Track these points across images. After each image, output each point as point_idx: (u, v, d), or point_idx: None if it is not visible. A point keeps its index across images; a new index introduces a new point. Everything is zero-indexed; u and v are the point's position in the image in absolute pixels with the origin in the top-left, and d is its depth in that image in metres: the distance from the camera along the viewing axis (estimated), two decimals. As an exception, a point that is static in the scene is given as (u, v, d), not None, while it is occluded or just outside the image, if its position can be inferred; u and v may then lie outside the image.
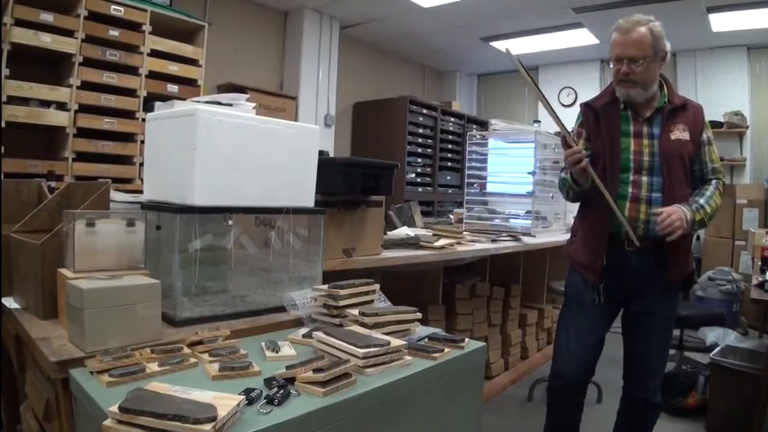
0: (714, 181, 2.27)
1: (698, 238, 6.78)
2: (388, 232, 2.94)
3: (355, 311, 1.60)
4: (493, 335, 3.76)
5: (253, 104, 1.98)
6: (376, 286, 1.76)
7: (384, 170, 2.29)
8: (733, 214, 6.38)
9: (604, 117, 2.26)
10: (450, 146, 7.73)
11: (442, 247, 2.75)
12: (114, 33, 4.39)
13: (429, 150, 7.39)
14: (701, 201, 2.18)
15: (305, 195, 1.90)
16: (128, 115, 4.54)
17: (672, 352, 4.23)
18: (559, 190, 2.47)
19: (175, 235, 1.62)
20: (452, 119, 7.74)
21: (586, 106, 2.36)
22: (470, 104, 9.19)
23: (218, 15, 5.84)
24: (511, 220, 4.03)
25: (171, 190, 1.74)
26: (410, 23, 6.71)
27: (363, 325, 1.53)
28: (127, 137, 4.56)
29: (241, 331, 1.65)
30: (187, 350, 1.42)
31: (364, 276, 2.53)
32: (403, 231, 3.32)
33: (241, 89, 5.75)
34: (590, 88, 7.53)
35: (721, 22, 6.13)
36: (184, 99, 4.78)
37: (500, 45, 7.39)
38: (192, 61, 4.93)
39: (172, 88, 4.78)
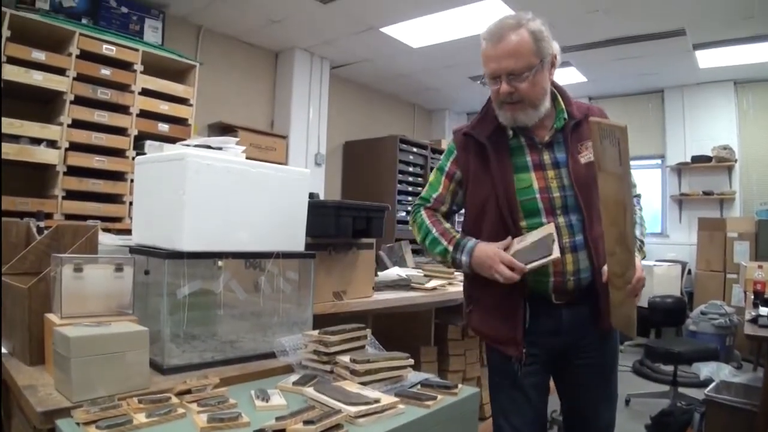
0: (634, 199, 1.92)
1: (689, 272, 6.82)
2: (379, 273, 2.93)
3: (346, 358, 1.57)
4: (486, 375, 3.71)
5: (243, 147, 1.98)
6: (367, 331, 1.73)
7: (375, 213, 2.29)
8: (724, 247, 6.41)
9: (493, 151, 1.78)
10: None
11: (433, 288, 2.74)
12: (105, 72, 4.42)
13: (420, 188, 7.41)
14: (638, 233, 1.81)
15: (295, 239, 1.89)
16: (119, 153, 4.55)
17: (666, 388, 4.26)
18: (419, 241, 1.99)
19: (163, 281, 1.60)
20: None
21: (466, 136, 1.86)
22: (460, 142, 9.22)
23: (210, 55, 5.89)
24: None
25: (160, 234, 1.72)
26: (400, 63, 6.79)
27: (354, 372, 1.51)
28: (118, 176, 4.55)
29: (231, 379, 1.62)
30: (175, 400, 1.39)
31: (355, 319, 2.52)
32: (394, 272, 3.31)
33: (231, 128, 5.80)
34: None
35: (708, 58, 6.23)
36: (174, 139, 4.82)
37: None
38: (183, 101, 4.96)
39: (163, 127, 4.79)
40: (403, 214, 7.08)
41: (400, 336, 3.15)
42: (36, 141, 4.14)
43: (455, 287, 2.98)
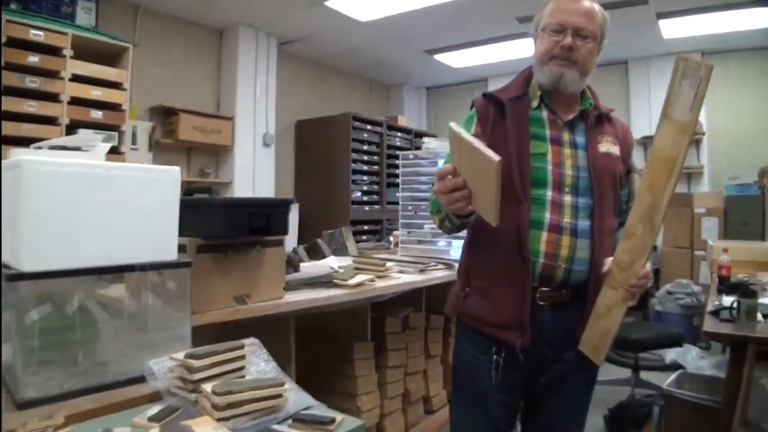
0: None
1: (655, 248, 6.66)
2: (303, 267, 2.74)
3: (209, 386, 1.39)
4: (432, 367, 3.56)
5: (109, 145, 1.77)
6: (245, 351, 1.55)
7: (276, 208, 2.09)
8: (691, 223, 6.25)
9: (512, 114, 1.69)
10: (398, 162, 7.54)
11: (358, 285, 2.55)
12: (34, 59, 4.15)
13: (375, 167, 7.21)
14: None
15: (165, 247, 1.68)
16: (47, 144, 4.29)
17: (627, 374, 4.06)
18: (430, 215, 1.80)
19: (2, 306, 1.40)
20: (399, 134, 7.58)
21: (487, 99, 1.76)
22: (420, 118, 9.03)
23: (149, 35, 5.59)
24: (449, 245, 3.84)
25: (4, 254, 1.51)
26: (350, 37, 6.53)
27: (214, 406, 1.33)
28: (46, 168, 4.30)
29: (86, 413, 1.43)
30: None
31: (274, 321, 2.35)
32: (328, 263, 3.13)
33: (173, 111, 5.55)
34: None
35: (672, 28, 6.05)
36: (109, 126, 4.59)
37: (445, 58, 7.27)
38: (116, 85, 4.67)
39: (96, 114, 4.53)
40: (359, 194, 6.89)
41: (333, 331, 3.00)
42: (-36, 138, 3.90)
43: (386, 281, 2.80)
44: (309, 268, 2.97)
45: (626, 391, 3.90)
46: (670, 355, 4.57)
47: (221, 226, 1.91)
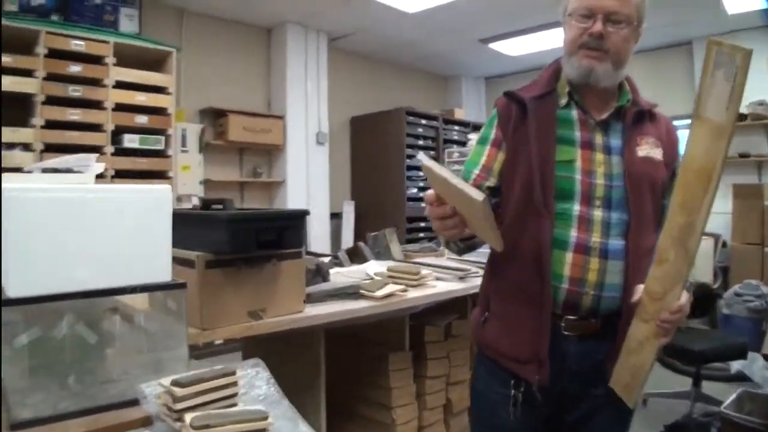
0: None
1: (724, 245, 6.17)
2: (341, 272, 2.64)
3: (190, 417, 1.29)
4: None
5: (102, 165, 1.71)
6: (237, 378, 1.45)
7: (288, 221, 1.98)
8: (762, 217, 5.72)
9: (536, 115, 1.49)
10: (456, 156, 7.37)
11: (386, 296, 2.41)
12: (76, 68, 4.25)
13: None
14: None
15: (158, 268, 1.61)
16: (96, 150, 4.36)
17: (687, 385, 3.72)
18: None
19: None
20: (456, 127, 7.39)
21: (509, 98, 1.57)
22: (479, 109, 8.79)
23: (196, 36, 5.63)
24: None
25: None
26: (400, 30, 6.38)
27: (190, 442, 1.23)
28: (96, 174, 4.37)
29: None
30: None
31: (304, 335, 2.27)
32: (365, 269, 3.02)
33: (222, 113, 5.55)
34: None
35: (736, 3, 5.60)
36: (155, 130, 4.63)
37: (500, 46, 7.02)
38: (161, 89, 4.72)
39: (141, 119, 4.59)
40: (414, 190, 6.75)
41: (368, 339, 2.88)
42: (10, 146, 4.02)
43: (419, 291, 2.65)
44: (345, 274, 2.87)
45: (686, 405, 3.61)
46: (735, 365, 4.17)
47: (226, 243, 1.82)
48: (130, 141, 4.52)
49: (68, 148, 4.17)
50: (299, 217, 2.03)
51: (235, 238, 1.83)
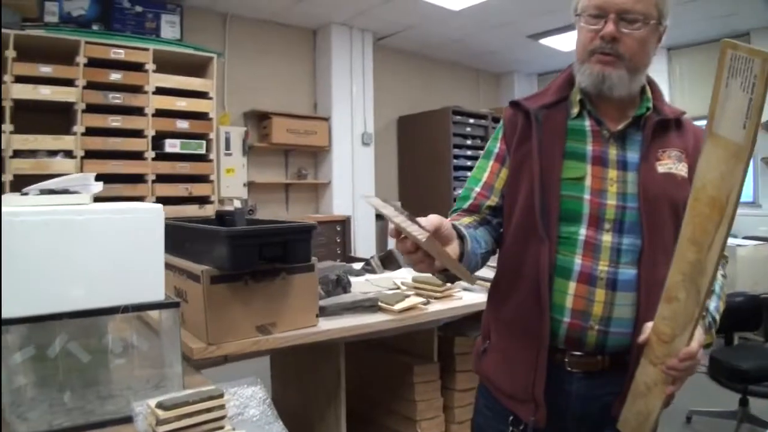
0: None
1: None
2: (367, 281, 2.58)
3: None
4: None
5: (100, 185, 1.70)
6: (224, 400, 1.40)
7: (294, 235, 1.92)
8: None
9: (543, 126, 1.35)
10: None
11: (405, 310, 2.33)
12: (116, 76, 4.34)
13: (480, 162, 6.91)
14: (712, 307, 1.27)
15: (150, 286, 1.59)
16: (137, 156, 4.45)
17: (734, 407, 3.39)
18: None
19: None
20: (506, 126, 7.20)
21: (515, 108, 1.43)
22: (533, 106, 8.55)
23: (240, 40, 5.68)
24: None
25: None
26: (446, 28, 6.27)
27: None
28: (137, 178, 4.47)
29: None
30: None
31: (325, 349, 2.21)
32: (392, 277, 2.96)
33: (266, 115, 5.57)
34: (658, 80, 6.70)
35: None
36: (196, 135, 4.67)
37: (551, 42, 6.80)
38: (202, 95, 4.77)
39: (182, 124, 4.66)
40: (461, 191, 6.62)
41: (396, 349, 2.81)
42: (53, 153, 4.14)
43: (442, 303, 2.54)
44: (374, 282, 2.81)
45: (731, 426, 3.35)
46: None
47: (226, 259, 1.78)
48: (172, 146, 4.58)
49: (109, 154, 4.28)
50: (305, 231, 1.97)
51: (235, 255, 1.78)
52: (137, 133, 4.44)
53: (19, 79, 3.95)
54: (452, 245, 1.18)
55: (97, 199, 4.29)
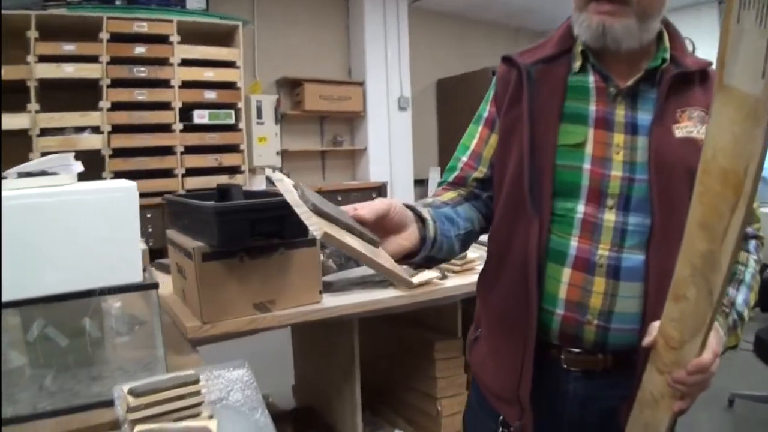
0: (753, 242, 1.13)
1: None
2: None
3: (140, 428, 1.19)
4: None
5: (79, 165, 1.63)
6: (199, 386, 1.33)
7: (288, 209, 1.81)
8: None
9: (537, 84, 1.13)
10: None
11: (419, 285, 2.20)
12: (140, 50, 4.31)
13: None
14: (740, 300, 1.05)
15: (128, 268, 1.52)
16: (164, 128, 4.43)
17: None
18: None
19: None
20: (549, 85, 6.92)
21: (508, 64, 1.21)
22: (578, 63, 8.20)
23: (270, 7, 5.56)
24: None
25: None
26: (484, -15, 6.00)
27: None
28: (165, 151, 4.45)
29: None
30: None
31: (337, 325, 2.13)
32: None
33: (298, 82, 5.48)
34: (709, 37, 6.29)
35: None
36: (224, 105, 4.62)
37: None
38: (229, 64, 4.70)
39: (210, 94, 4.61)
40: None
41: (419, 322, 2.70)
42: (80, 129, 4.15)
43: (461, 278, 2.38)
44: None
45: None
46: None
47: (215, 236, 1.69)
48: (200, 117, 4.54)
49: (136, 127, 4.26)
50: (302, 204, 1.87)
51: (223, 231, 1.70)
52: (164, 106, 4.41)
53: (43, 59, 3.96)
54: (407, 232, 1.02)
55: (127, 173, 4.35)
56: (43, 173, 1.57)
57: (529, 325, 1.08)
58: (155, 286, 1.53)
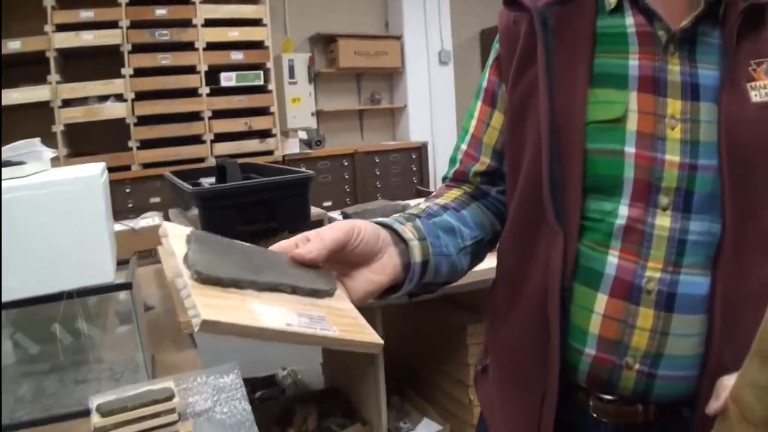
0: None
1: None
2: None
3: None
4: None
5: (52, 152, 1.44)
6: (174, 404, 1.15)
7: (285, 190, 1.59)
8: None
9: (556, 34, 0.77)
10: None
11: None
12: (161, 12, 4.11)
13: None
14: None
15: (96, 267, 1.34)
16: (190, 93, 4.26)
17: None
18: None
19: None
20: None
21: (513, 8, 0.81)
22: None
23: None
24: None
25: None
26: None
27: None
28: (193, 116, 4.28)
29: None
30: None
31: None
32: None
33: (331, 38, 5.23)
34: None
35: None
36: (252, 66, 4.41)
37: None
38: (255, 22, 4.46)
39: (237, 55, 4.41)
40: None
41: (456, 304, 2.48)
42: (103, 98, 4.04)
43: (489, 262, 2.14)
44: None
45: None
46: None
47: (200, 221, 1.50)
48: (227, 80, 4.35)
49: (161, 93, 4.12)
50: (301, 185, 1.64)
51: (206, 218, 1.50)
52: (189, 70, 4.24)
53: (61, 28, 3.84)
54: (379, 262, 0.74)
55: (153, 141, 4.22)
56: (7, 163, 1.39)
57: (549, 371, 0.78)
58: (128, 286, 1.35)
